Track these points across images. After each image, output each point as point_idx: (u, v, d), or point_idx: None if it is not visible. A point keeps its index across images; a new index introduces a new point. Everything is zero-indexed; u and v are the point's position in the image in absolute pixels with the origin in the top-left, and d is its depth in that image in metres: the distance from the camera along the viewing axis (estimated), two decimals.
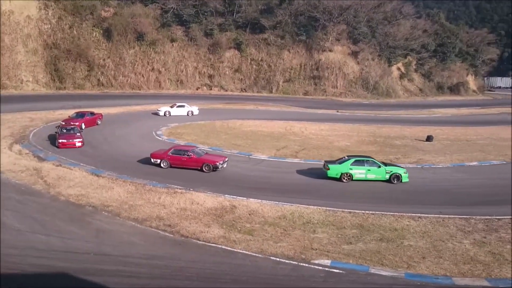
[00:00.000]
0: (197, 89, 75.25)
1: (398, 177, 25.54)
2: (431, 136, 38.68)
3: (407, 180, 25.60)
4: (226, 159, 27.41)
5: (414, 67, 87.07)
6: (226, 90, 75.26)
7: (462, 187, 25.28)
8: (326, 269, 14.92)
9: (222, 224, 18.29)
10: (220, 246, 16.36)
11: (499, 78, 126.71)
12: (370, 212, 20.02)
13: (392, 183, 25.39)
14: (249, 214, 19.43)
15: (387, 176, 25.62)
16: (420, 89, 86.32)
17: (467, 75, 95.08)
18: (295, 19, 77.37)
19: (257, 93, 74.41)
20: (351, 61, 78.42)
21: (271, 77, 76.30)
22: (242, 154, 30.98)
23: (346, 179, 25.47)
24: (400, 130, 43.58)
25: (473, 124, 49.45)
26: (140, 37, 73.00)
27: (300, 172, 27.09)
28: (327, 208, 20.22)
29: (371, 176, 25.75)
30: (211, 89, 75.79)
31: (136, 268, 14.53)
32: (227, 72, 76.85)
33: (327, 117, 51.25)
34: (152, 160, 27.24)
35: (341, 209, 20.18)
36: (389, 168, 25.90)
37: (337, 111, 56.00)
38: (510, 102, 78.77)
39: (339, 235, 17.59)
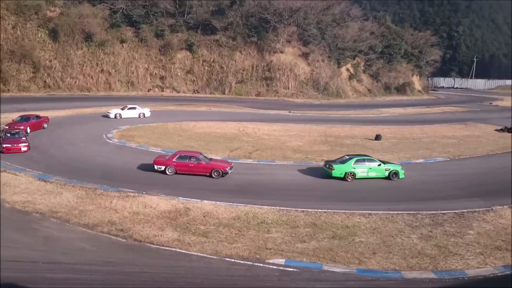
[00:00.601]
0: (148, 91, 74.11)
1: (396, 174, 26.78)
2: (379, 135, 39.91)
3: (403, 176, 26.81)
4: (232, 165, 26.83)
5: (362, 68, 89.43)
6: (179, 92, 74.52)
7: (409, 184, 26.28)
8: (281, 268, 15.14)
9: (176, 227, 18.17)
10: (174, 249, 16.23)
11: (442, 79, 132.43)
12: (323, 210, 20.45)
13: (392, 179, 26.53)
14: (204, 216, 19.40)
15: (387, 174, 26.80)
16: (369, 90, 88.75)
17: (413, 75, 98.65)
18: (246, 20, 77.74)
19: (209, 94, 74.21)
20: (302, 62, 79.62)
21: (224, 78, 76.28)
22: None
23: (350, 178, 26.21)
24: (350, 130, 44.68)
25: (419, 123, 51.40)
26: (88, 37, 71.03)
27: (254, 172, 27.31)
28: (281, 208, 20.49)
29: (372, 174, 26.75)
30: (163, 90, 74.82)
31: (88, 275, 14.17)
32: (179, 74, 76.13)
33: (279, 117, 51.82)
34: (155, 167, 26.16)
35: (294, 208, 20.50)
36: (387, 166, 27.11)
37: (289, 112, 56.71)
38: (453, 102, 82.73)
39: (293, 234, 17.88)
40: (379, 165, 26.85)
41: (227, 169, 26.05)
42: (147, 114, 46.92)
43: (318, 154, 32.46)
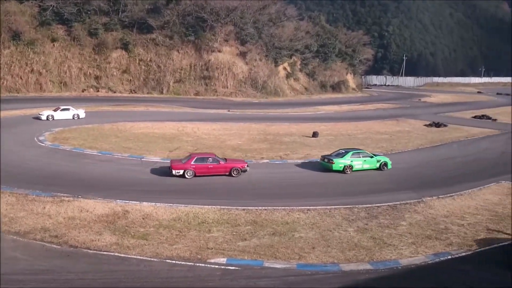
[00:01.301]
0: (83, 91, 71.47)
1: (385, 164, 29.13)
2: (316, 132, 40.90)
3: (390, 167, 29.06)
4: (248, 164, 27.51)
5: (299, 67, 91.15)
6: (115, 92, 72.48)
7: (344, 178, 27.16)
8: (222, 267, 15.16)
9: (115, 230, 17.70)
10: (113, 253, 15.79)
11: (374, 76, 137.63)
12: (263, 208, 20.68)
13: (382, 170, 28.73)
14: (143, 218, 19.03)
15: (378, 165, 28.90)
16: (306, 88, 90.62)
17: (347, 74, 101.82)
18: (183, 19, 76.96)
19: (147, 94, 72.78)
20: (240, 61, 79.97)
21: (161, 78, 75.08)
22: (134, 157, 30.14)
23: (348, 171, 27.92)
24: (288, 128, 45.43)
25: (353, 120, 53.12)
26: (16, 36, 67.36)
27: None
28: (222, 207, 20.51)
29: (366, 166, 28.68)
30: (98, 90, 72.43)
31: (20, 285, 13.49)
32: (115, 73, 74.04)
33: (218, 116, 51.79)
34: (174, 171, 25.55)
35: (235, 207, 20.59)
36: (378, 158, 29.32)
37: (228, 111, 56.81)
38: (385, 99, 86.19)
39: (234, 233, 17.96)
40: (372, 157, 28.98)
41: (246, 167, 26.87)
42: (82, 115, 45.28)
43: (258, 152, 32.78)
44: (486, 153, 36.47)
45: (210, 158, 26.53)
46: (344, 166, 27.83)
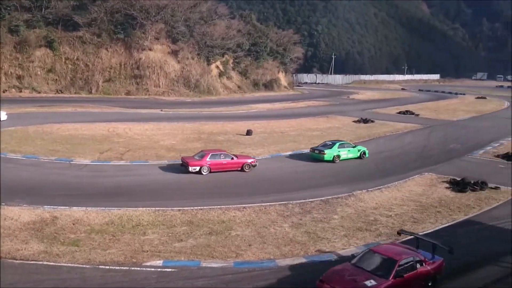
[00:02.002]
0: (4, 92, 67.16)
1: (364, 153, 32.81)
2: (250, 130, 41.25)
3: (368, 155, 32.64)
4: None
5: (231, 65, 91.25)
6: (39, 92, 68.70)
7: (278, 175, 27.68)
8: (159, 269, 14.96)
9: (43, 238, 16.88)
10: (41, 262, 15.04)
11: (305, 75, 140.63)
12: (199, 207, 20.60)
13: (362, 158, 32.42)
14: (73, 224, 18.31)
15: (358, 154, 32.49)
16: (238, 86, 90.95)
17: (279, 72, 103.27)
18: (111, 16, 74.44)
19: (75, 94, 69.64)
20: (172, 60, 78.77)
21: (90, 77, 72.15)
22: (62, 160, 28.90)
23: (337, 160, 31.19)
24: (222, 126, 45.45)
25: (286, 117, 54.03)
26: None
27: (128, 173, 26.50)
28: (157, 208, 20.18)
29: (350, 155, 32.15)
30: (20, 91, 68.31)
31: None
32: (39, 73, 70.17)
33: (151, 116, 50.76)
34: (190, 168, 26.33)
35: (170, 208, 20.35)
36: (359, 148, 32.92)
37: (161, 110, 55.86)
38: (316, 96, 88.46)
39: (170, 234, 17.75)
40: (354, 147, 32.74)
41: (256, 162, 28.45)
42: (3, 117, 42.54)
43: (192, 152, 32.42)
44: (410, 147, 38.52)
45: (222, 154, 27.80)
46: (334, 156, 31.14)
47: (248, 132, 40.79)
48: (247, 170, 27.69)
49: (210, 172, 26.70)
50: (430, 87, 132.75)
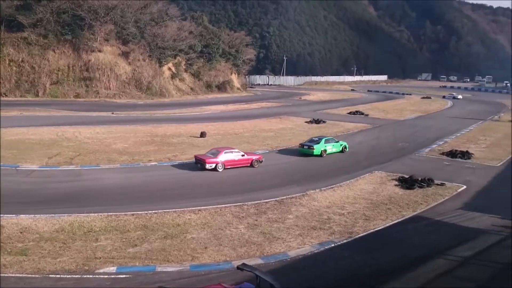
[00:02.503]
0: None
1: (345, 147, 35.73)
2: (204, 132, 41.10)
3: (348, 149, 35.53)
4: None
5: (184, 67, 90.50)
6: None
7: (233, 177, 27.74)
8: (112, 276, 14.66)
9: None
10: None
11: (258, 76, 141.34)
12: (153, 211, 20.33)
13: (343, 152, 35.23)
14: (21, 232, 17.62)
15: (340, 148, 35.36)
16: (191, 88, 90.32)
17: (231, 74, 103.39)
18: (58, 17, 71.99)
19: (20, 98, 66.87)
20: (122, 61, 77.21)
21: (36, 80, 69.43)
22: (8, 166, 27.68)
23: (324, 154, 33.81)
24: (175, 128, 45.01)
25: (239, 119, 54.15)
26: None
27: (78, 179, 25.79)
28: (109, 214, 19.76)
29: (334, 149, 34.91)
30: None
31: None
32: None
33: (102, 119, 49.48)
34: (207, 165, 27.90)
35: (123, 213, 19.97)
36: (341, 143, 35.72)
37: (112, 113, 54.63)
38: (269, 97, 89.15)
39: (124, 239, 17.43)
40: (337, 142, 35.44)
41: (262, 158, 30.46)
42: None
43: (145, 155, 32.08)
44: (361, 146, 39.54)
45: (233, 151, 29.45)
46: (321, 150, 33.81)
47: (202, 134, 40.62)
48: (256, 166, 29.76)
49: (225, 168, 28.37)
50: (378, 87, 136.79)
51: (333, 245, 17.87)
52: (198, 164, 28.58)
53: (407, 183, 26.57)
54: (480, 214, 22.09)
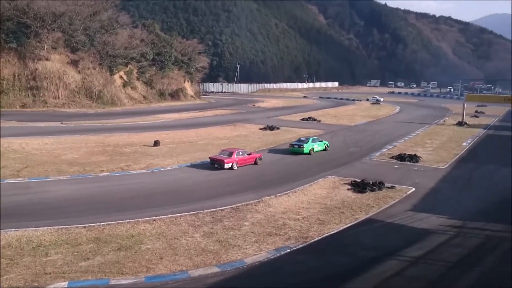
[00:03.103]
0: None
1: (327, 146, 40.04)
2: (158, 141, 40.57)
3: (329, 147, 39.95)
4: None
5: (136, 75, 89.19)
6: None
7: (188, 185, 27.53)
8: None
9: None
10: None
11: (211, 84, 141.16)
12: (106, 223, 19.86)
13: (326, 150, 39.65)
14: None
15: (324, 147, 39.68)
16: (144, 96, 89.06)
17: (185, 81, 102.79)
18: (2, 24, 69.13)
19: None
20: (72, 70, 75.08)
21: None
22: None
23: (312, 153, 37.88)
24: (128, 138, 44.19)
25: (194, 127, 53.85)
26: None
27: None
28: (59, 227, 19.12)
29: (319, 148, 39.22)
30: None
31: None
32: None
33: (50, 130, 47.83)
34: (226, 165, 31.15)
35: (75, 225, 19.40)
36: (324, 142, 40.14)
37: (62, 123, 52.99)
38: (223, 105, 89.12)
39: (75, 253, 16.91)
40: (321, 141, 39.87)
41: (261, 156, 34.61)
42: None
43: (97, 165, 31.32)
44: (314, 151, 40.19)
45: (241, 151, 33.03)
46: (310, 149, 37.88)
47: (156, 143, 40.10)
48: (258, 163, 33.43)
49: (238, 167, 31.81)
50: (329, 94, 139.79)
51: (289, 250, 18.05)
52: (215, 164, 31.60)
53: (359, 187, 27.25)
54: (429, 215, 22.97)
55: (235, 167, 31.68)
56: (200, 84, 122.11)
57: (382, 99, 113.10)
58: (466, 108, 68.29)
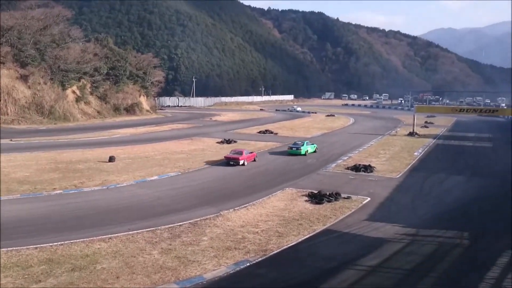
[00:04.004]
0: None
1: (316, 148, 47.29)
2: (113, 156, 39.72)
3: (317, 150, 46.99)
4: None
5: (89, 90, 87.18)
6: None
7: (145, 201, 27.04)
8: None
9: None
10: None
11: (167, 98, 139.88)
12: (59, 243, 19.18)
13: (316, 152, 46.47)
14: None
15: (314, 149, 46.78)
16: (98, 111, 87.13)
17: (140, 96, 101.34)
18: None
19: None
20: (21, 85, 72.54)
21: None
22: None
23: (307, 154, 44.73)
24: (82, 154, 43.04)
25: (150, 141, 53.16)
26: None
27: None
28: (8, 249, 18.30)
29: (311, 150, 46.19)
30: None
31: None
32: None
33: None
34: (241, 162, 38.38)
35: (25, 247, 18.62)
36: (315, 145, 47.36)
37: (11, 140, 50.93)
38: (179, 119, 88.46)
39: (26, 276, 16.21)
40: (313, 144, 46.96)
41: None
42: None
43: (49, 183, 30.29)
44: (273, 164, 40.53)
45: (245, 151, 40.55)
46: (305, 151, 44.95)
47: (111, 159, 39.25)
48: (256, 160, 40.92)
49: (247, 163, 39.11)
50: (285, 107, 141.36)
51: (248, 264, 18.02)
52: (231, 162, 38.29)
53: (316, 198, 27.63)
54: (384, 223, 23.57)
55: (246, 164, 38.67)
56: (156, 98, 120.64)
57: (299, 108, 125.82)
58: (416, 119, 70.71)
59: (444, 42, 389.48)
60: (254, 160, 40.65)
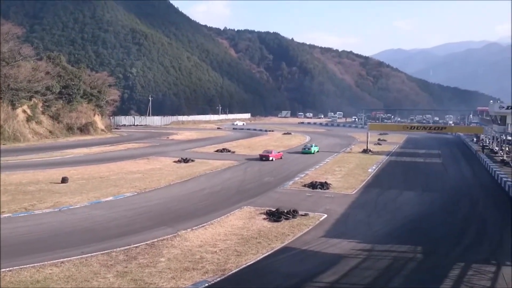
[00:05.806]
0: None
1: (318, 149, 64.05)
2: (66, 177, 38.60)
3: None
4: None
5: (41, 109, 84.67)
6: None
7: (100, 223, 26.35)
8: None
9: None
10: None
11: (123, 117, 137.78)
12: (7, 269, 18.35)
13: (318, 152, 62.23)
14: None
15: (317, 149, 63.88)
16: (50, 131, 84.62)
17: (94, 115, 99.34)
18: None
19: None
20: None
21: None
22: None
23: (315, 153, 61.06)
24: (33, 175, 41.57)
25: (105, 161, 52.04)
26: None
27: None
28: None
29: (316, 150, 63.37)
30: None
31: None
32: None
33: None
34: (271, 158, 54.24)
35: None
36: (317, 146, 65.12)
37: None
38: (136, 138, 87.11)
39: None
40: (316, 146, 64.81)
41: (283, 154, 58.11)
42: None
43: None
44: (229, 182, 40.49)
45: (273, 151, 56.85)
46: (314, 150, 62.10)
47: (64, 180, 38.10)
48: (282, 158, 55.79)
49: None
50: (243, 125, 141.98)
51: (206, 284, 17.81)
52: (263, 158, 54.12)
53: (274, 216, 27.75)
54: (340, 240, 23.94)
55: (273, 160, 54.17)
56: (111, 117, 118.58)
57: (241, 123, 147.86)
58: (370, 136, 72.62)
59: (395, 62, 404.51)
60: (281, 158, 55.92)
